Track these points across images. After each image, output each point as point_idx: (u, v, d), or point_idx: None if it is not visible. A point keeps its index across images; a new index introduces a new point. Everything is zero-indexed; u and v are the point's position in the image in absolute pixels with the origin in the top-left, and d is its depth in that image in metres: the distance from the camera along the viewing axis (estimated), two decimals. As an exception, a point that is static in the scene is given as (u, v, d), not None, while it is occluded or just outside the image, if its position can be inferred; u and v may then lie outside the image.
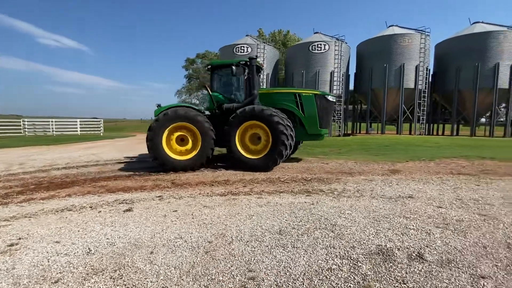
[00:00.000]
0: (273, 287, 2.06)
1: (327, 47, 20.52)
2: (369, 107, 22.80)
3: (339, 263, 2.37)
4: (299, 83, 21.33)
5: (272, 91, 8.40)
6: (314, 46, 20.54)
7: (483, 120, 22.95)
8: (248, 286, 2.08)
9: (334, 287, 2.03)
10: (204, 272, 2.28)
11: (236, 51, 21.02)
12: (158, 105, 7.80)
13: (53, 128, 23.43)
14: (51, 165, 8.29)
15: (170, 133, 7.26)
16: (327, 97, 7.79)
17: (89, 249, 2.77)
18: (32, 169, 7.71)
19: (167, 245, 2.82)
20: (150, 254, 2.64)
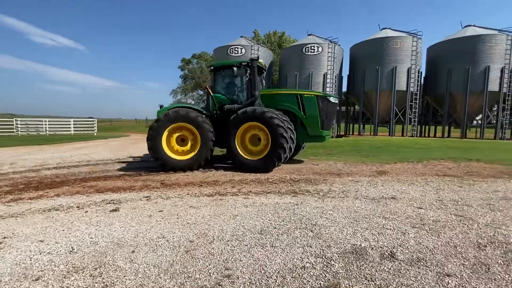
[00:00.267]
0: (247, 284, 2.13)
1: (320, 49, 20.72)
2: (361, 109, 23.04)
3: (313, 261, 2.46)
4: (293, 84, 21.51)
5: (274, 92, 8.40)
6: (307, 48, 20.73)
7: (474, 123, 23.28)
8: (223, 283, 2.15)
9: (305, 284, 2.11)
10: (182, 270, 2.35)
11: (230, 52, 21.13)
12: (160, 106, 7.92)
13: (46, 128, 23.28)
14: (42, 165, 8.28)
15: (171, 133, 7.37)
16: (329, 98, 7.74)
17: (72, 248, 2.82)
18: (22, 169, 7.71)
19: (149, 244, 2.88)
20: (132, 253, 2.70)
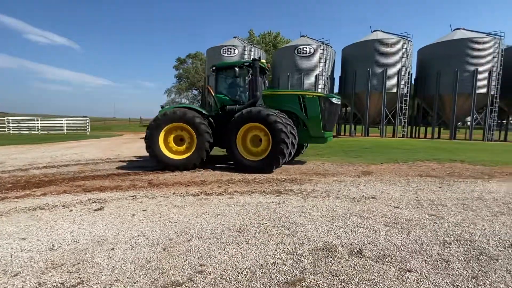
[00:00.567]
0: (218, 279, 2.23)
1: (312, 50, 20.92)
2: (352, 110, 23.31)
3: (284, 257, 2.56)
4: (285, 85, 21.72)
5: (276, 92, 8.42)
6: (299, 49, 20.93)
7: (463, 124, 23.70)
8: (195, 279, 2.24)
9: (272, 279, 2.22)
10: (157, 267, 2.44)
11: (223, 53, 21.22)
12: (162, 106, 8.03)
13: (38, 127, 23.11)
14: (31, 164, 8.28)
15: (168, 132, 7.49)
16: (332, 99, 7.67)
17: (52, 245, 2.89)
18: (11, 168, 7.70)
19: (129, 242, 2.96)
20: (111, 250, 2.78)
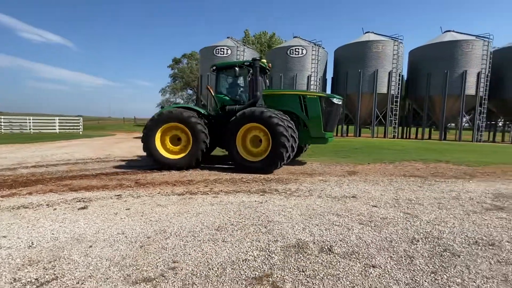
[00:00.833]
0: (188, 275, 2.31)
1: (304, 51, 21.08)
2: (344, 110, 23.50)
3: (256, 254, 2.65)
4: (277, 86, 21.86)
5: (277, 92, 8.38)
6: (292, 50, 21.08)
7: (453, 125, 24.06)
8: (166, 274, 2.32)
9: (241, 274, 2.30)
10: (132, 263, 2.51)
11: (216, 53, 21.27)
12: (162, 107, 8.08)
13: (30, 126, 22.94)
14: (20, 164, 8.27)
15: (165, 132, 7.55)
16: (333, 99, 7.57)
17: (32, 243, 2.94)
18: (-1, 167, 7.69)
19: (108, 240, 3.03)
20: (89, 248, 2.84)
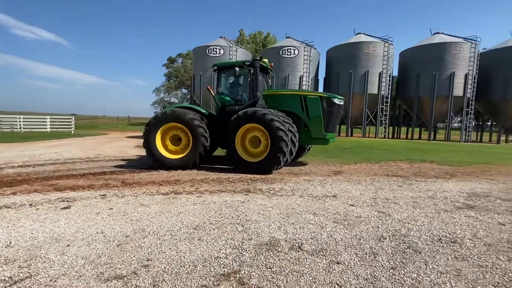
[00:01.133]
0: (160, 272, 2.40)
1: (296, 52, 21.27)
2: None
3: (228, 252, 2.75)
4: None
5: (277, 92, 8.38)
6: (284, 51, 21.24)
7: (441, 125, 24.47)
8: (139, 272, 2.40)
9: (210, 271, 2.40)
10: (106, 261, 2.58)
11: (209, 53, 21.33)
12: (163, 106, 8.11)
13: (20, 125, 22.71)
14: (6, 163, 8.24)
15: (166, 132, 7.64)
16: (334, 99, 7.49)
17: (10, 242, 3.00)
18: (-15, 167, 7.66)
19: (86, 239, 3.09)
20: (67, 247, 2.91)
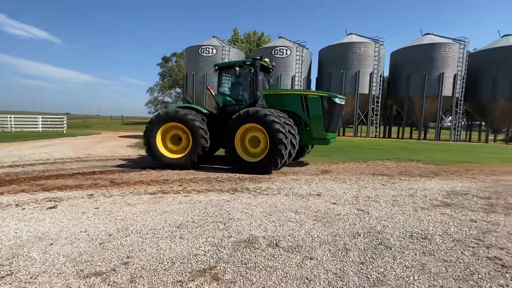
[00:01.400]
0: (138, 269, 2.48)
1: (288, 52, 21.44)
2: (328, 110, 23.99)
3: (207, 249, 2.84)
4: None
5: (279, 92, 8.37)
6: (276, 51, 21.39)
7: (431, 125, 24.89)
8: (117, 269, 2.48)
9: (187, 267, 2.49)
10: (87, 259, 2.66)
11: (201, 52, 21.35)
12: (165, 106, 8.13)
13: (11, 125, 22.48)
14: (-5, 164, 8.21)
15: (167, 131, 7.71)
16: (335, 99, 7.43)
17: (-7, 241, 3.05)
18: (-27, 167, 7.63)
19: (69, 238, 3.16)
20: (50, 245, 2.97)
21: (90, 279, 2.32)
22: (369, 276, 2.32)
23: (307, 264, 2.54)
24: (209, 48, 21.06)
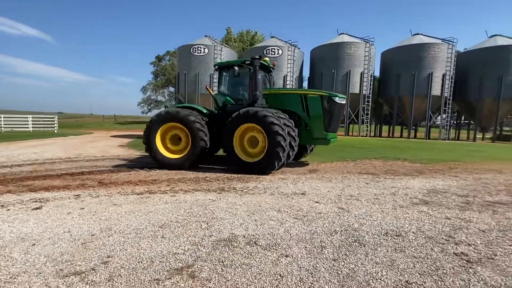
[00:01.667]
0: (117, 268, 2.54)
1: (280, 51, 21.59)
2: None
3: (187, 248, 2.91)
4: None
5: (279, 92, 8.35)
6: (268, 50, 21.49)
7: (422, 123, 25.33)
8: (97, 268, 2.54)
9: (165, 266, 2.56)
10: (68, 259, 2.71)
11: (193, 51, 21.34)
12: (165, 106, 8.12)
13: (0, 125, 22.17)
14: (-18, 164, 8.14)
15: (166, 131, 7.73)
16: (335, 98, 7.33)
17: (-25, 243, 3.08)
18: (-41, 168, 7.56)
19: (52, 238, 3.20)
20: (32, 246, 3.01)
21: (69, 279, 2.37)
22: (339, 272, 2.42)
23: (282, 261, 2.62)
24: (201, 48, 21.06)
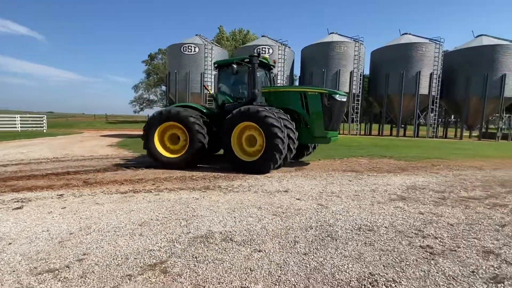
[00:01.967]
0: (92, 265, 2.58)
1: (271, 50, 21.68)
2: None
3: (163, 245, 2.96)
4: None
5: (278, 90, 8.19)
6: (259, 49, 21.53)
7: (412, 122, 25.77)
8: (71, 265, 2.57)
9: (139, 262, 2.61)
10: (43, 257, 2.73)
11: (184, 50, 21.28)
12: (165, 106, 8.09)
13: (-13, 124, 21.80)
14: (-34, 165, 8.03)
15: (165, 131, 7.75)
16: (335, 96, 7.15)
17: (-49, 243, 3.08)
18: None
19: (30, 237, 3.21)
20: (8, 245, 3.02)
21: (42, 276, 2.41)
22: (308, 266, 2.51)
23: (254, 256, 2.70)
24: (191, 47, 21.01)
